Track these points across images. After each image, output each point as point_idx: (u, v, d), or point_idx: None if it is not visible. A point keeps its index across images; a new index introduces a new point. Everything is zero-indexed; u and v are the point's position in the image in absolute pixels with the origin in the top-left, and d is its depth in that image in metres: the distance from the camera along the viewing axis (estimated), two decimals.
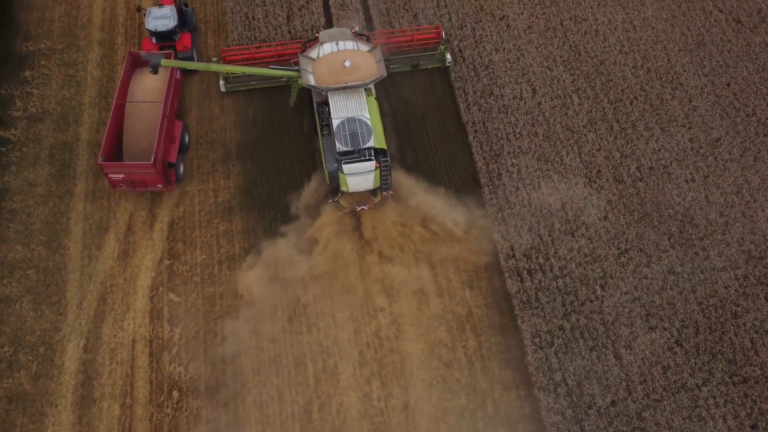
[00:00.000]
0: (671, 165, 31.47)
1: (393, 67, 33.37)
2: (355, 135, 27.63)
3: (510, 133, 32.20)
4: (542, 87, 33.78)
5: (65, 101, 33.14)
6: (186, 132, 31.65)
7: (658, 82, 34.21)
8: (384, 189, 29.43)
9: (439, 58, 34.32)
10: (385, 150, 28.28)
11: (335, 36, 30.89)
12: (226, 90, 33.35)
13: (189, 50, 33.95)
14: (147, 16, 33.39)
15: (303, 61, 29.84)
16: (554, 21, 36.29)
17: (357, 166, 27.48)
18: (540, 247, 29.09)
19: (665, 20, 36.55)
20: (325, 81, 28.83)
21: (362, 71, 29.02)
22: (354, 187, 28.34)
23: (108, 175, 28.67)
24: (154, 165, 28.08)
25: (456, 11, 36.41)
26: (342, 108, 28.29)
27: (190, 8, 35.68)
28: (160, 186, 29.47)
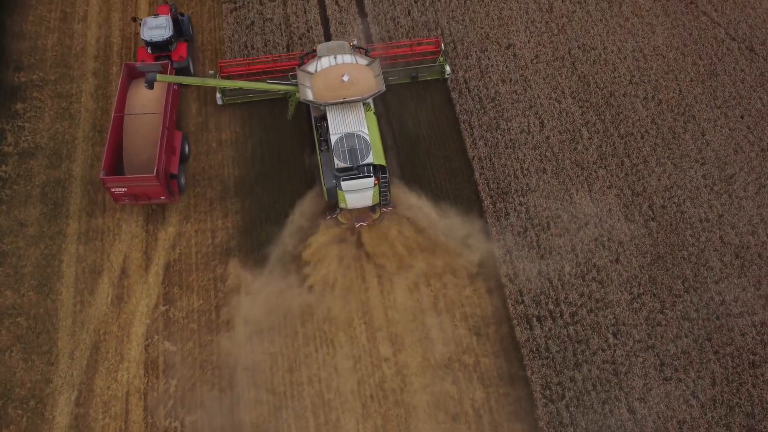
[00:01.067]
0: (684, 203, 30.43)
1: (392, 79, 32.82)
2: (353, 151, 27.08)
3: (518, 170, 31.16)
4: (550, 120, 32.74)
5: (58, 135, 32.08)
6: (186, 142, 31.28)
7: (669, 114, 33.18)
8: (383, 205, 28.74)
9: (438, 70, 33.71)
10: (384, 166, 27.66)
11: (333, 49, 30.33)
12: (223, 103, 32.76)
13: (185, 60, 33.20)
14: (142, 26, 32.67)
15: (301, 75, 29.27)
16: (562, 50, 35.25)
17: (356, 183, 26.96)
18: (549, 292, 28.04)
19: (676, 49, 35.52)
20: (322, 96, 28.27)
21: (360, 86, 28.48)
22: (353, 203, 27.73)
23: (110, 189, 28.11)
24: (156, 177, 27.55)
25: (461, 39, 35.36)
26: (340, 123, 27.71)
27: (186, 17, 34.90)
28: (163, 198, 28.96)
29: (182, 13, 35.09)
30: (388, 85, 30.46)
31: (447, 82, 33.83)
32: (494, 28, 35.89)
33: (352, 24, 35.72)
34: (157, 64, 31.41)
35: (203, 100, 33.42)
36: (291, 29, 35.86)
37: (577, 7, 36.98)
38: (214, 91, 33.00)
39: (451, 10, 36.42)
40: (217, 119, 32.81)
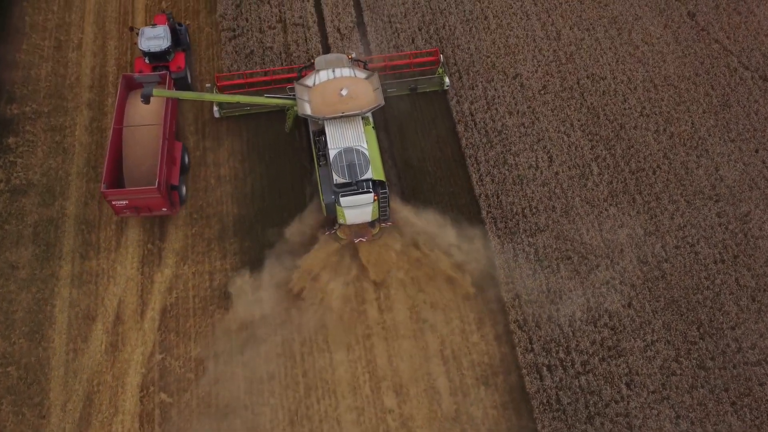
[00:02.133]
0: (698, 243, 29.44)
1: (390, 91, 32.42)
2: (352, 166, 26.60)
3: (526, 208, 30.16)
4: (559, 155, 31.75)
5: (51, 171, 31.08)
6: (185, 152, 31.03)
7: (682, 148, 32.18)
8: (382, 220, 28.13)
9: (437, 82, 33.26)
10: (383, 181, 27.20)
11: (332, 62, 29.84)
12: (220, 116, 32.40)
13: (183, 71, 32.61)
14: (140, 36, 32.08)
15: (299, 89, 28.82)
16: (570, 80, 34.25)
17: (355, 199, 26.44)
18: (560, 339, 27.04)
19: (688, 78, 34.52)
20: (321, 110, 27.75)
21: (359, 100, 28.01)
22: (352, 219, 27.19)
23: (111, 202, 27.79)
24: (158, 189, 27.25)
25: (467, 70, 34.36)
26: (339, 138, 27.28)
27: (184, 27, 34.33)
28: (164, 209, 28.62)
29: (180, 23, 34.55)
30: (388, 104, 30.32)
31: (446, 94, 33.45)
32: (500, 57, 34.88)
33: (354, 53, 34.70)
34: (156, 74, 31.11)
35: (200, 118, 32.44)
36: (291, 58, 34.87)
37: (585, 34, 35.99)
38: (211, 106, 32.49)
39: (456, 38, 35.43)
40: (216, 153, 31.79)
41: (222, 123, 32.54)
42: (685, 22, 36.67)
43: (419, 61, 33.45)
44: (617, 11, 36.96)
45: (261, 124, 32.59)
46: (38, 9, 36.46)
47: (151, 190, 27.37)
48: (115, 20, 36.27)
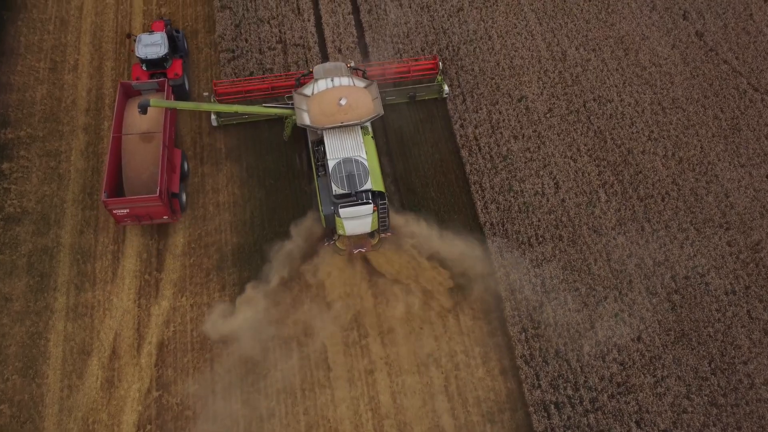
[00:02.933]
0: (709, 273, 28.74)
1: (389, 99, 32.26)
2: (351, 177, 26.24)
3: (532, 237, 29.45)
4: (566, 181, 31.04)
5: (46, 199, 30.35)
6: (185, 160, 30.84)
7: (691, 174, 31.48)
8: (382, 231, 27.74)
9: (436, 90, 33.00)
10: (382, 192, 26.85)
11: (330, 71, 29.54)
12: (218, 124, 32.14)
13: (180, 78, 32.23)
14: (137, 43, 31.74)
15: (297, 98, 28.53)
16: (577, 102, 33.55)
17: (354, 210, 26.09)
18: (568, 375, 26.33)
19: (696, 101, 33.83)
20: (319, 120, 27.45)
21: (358, 109, 27.68)
22: (351, 230, 26.84)
23: (112, 211, 27.57)
24: (160, 197, 27.01)
25: (471, 92, 33.65)
26: (338, 148, 26.94)
27: (182, 33, 34.13)
28: (165, 217, 28.48)
29: (178, 30, 34.25)
30: (388, 118, 30.49)
31: (446, 101, 33.25)
32: (505, 79, 34.18)
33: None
34: (154, 81, 30.73)
35: (198, 142, 31.77)
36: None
37: (591, 54, 35.30)
38: (209, 116, 32.33)
39: (460, 59, 34.72)
40: (215, 178, 31.08)
41: (221, 149, 31.83)
42: (692, 42, 36.00)
43: (418, 68, 33.05)
44: (624, 31, 36.28)
45: (261, 150, 31.88)
46: (34, 29, 35.73)
47: (153, 199, 27.13)
48: (111, 40, 35.54)
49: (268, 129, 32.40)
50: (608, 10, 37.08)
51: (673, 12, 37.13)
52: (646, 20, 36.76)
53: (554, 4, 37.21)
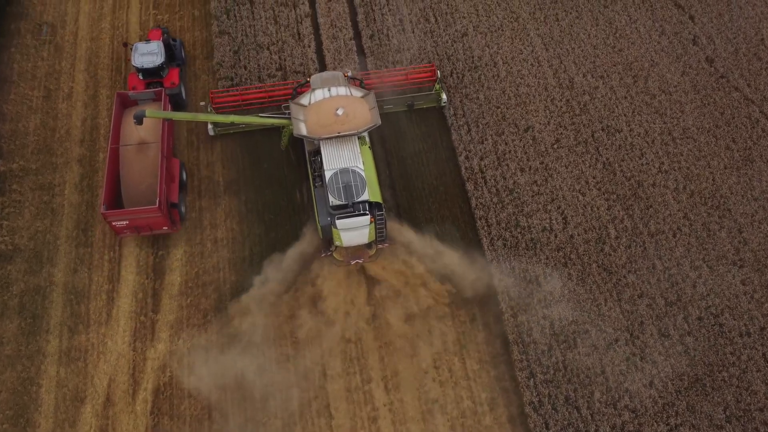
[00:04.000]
0: (723, 314, 27.84)
1: (387, 108, 32.13)
2: (348, 187, 26.22)
3: (540, 275, 28.54)
4: (574, 216, 30.14)
5: (38, 235, 29.45)
6: (183, 169, 30.67)
7: (703, 208, 30.58)
8: (379, 241, 27.52)
9: (434, 98, 32.80)
10: (380, 203, 26.78)
11: (327, 80, 29.50)
12: (215, 134, 31.88)
13: (177, 87, 31.98)
14: (133, 51, 31.56)
15: (294, 108, 28.43)
16: (585, 133, 32.65)
17: (351, 222, 25.99)
18: (578, 424, 25.42)
19: (708, 131, 32.94)
20: (316, 131, 27.36)
21: (355, 119, 27.61)
22: (348, 241, 26.67)
23: (111, 223, 27.41)
24: (159, 208, 26.89)
25: (475, 121, 32.75)
26: (335, 158, 26.90)
27: (179, 42, 33.71)
28: (165, 228, 28.40)
29: (174, 38, 33.72)
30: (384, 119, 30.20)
31: (443, 110, 32.94)
32: (511, 108, 33.28)
33: None
34: (151, 91, 30.54)
35: (197, 174, 30.87)
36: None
37: (599, 82, 34.40)
38: (206, 125, 32.06)
39: (464, 87, 33.83)
40: (212, 212, 30.18)
41: (219, 182, 30.94)
42: (703, 68, 35.11)
43: (416, 77, 32.67)
44: (632, 57, 35.39)
45: (261, 183, 30.99)
46: (27, 56, 34.84)
47: (152, 210, 26.95)
48: (107, 67, 34.63)
49: (269, 160, 31.52)
50: (616, 35, 36.20)
51: (682, 37, 36.25)
52: (655, 45, 35.87)
53: (560, 28, 36.33)
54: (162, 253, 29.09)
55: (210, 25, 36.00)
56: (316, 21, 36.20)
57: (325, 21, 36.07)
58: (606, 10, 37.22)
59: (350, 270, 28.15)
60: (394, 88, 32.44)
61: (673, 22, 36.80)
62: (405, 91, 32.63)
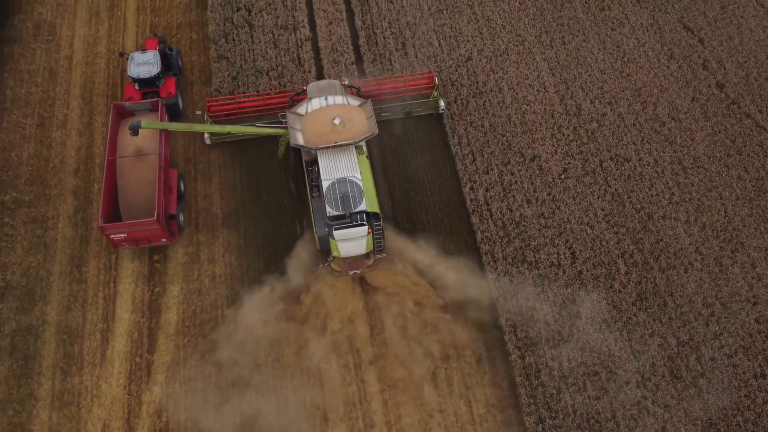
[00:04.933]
0: (736, 354, 26.98)
1: (385, 115, 31.95)
2: (345, 198, 26.12)
3: (548, 314, 27.68)
4: (583, 250, 29.28)
5: (31, 271, 28.59)
6: (181, 179, 30.31)
7: (715, 241, 29.72)
8: (377, 251, 27.37)
9: (432, 105, 32.54)
10: (377, 213, 26.57)
11: (324, 89, 29.39)
12: (212, 142, 31.63)
13: (174, 96, 31.70)
14: (129, 61, 31.27)
15: (291, 117, 28.22)
16: (593, 162, 31.78)
17: (348, 232, 25.85)
18: None
19: (719, 160, 32.08)
20: (313, 140, 27.26)
21: (353, 129, 27.50)
22: (345, 252, 26.55)
23: (109, 236, 27.18)
24: (158, 220, 26.67)
25: (480, 150, 31.89)
26: (332, 168, 26.78)
27: (175, 50, 33.33)
28: (164, 240, 28.12)
29: (171, 47, 33.34)
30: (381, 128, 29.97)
31: (442, 117, 32.71)
32: (517, 136, 32.43)
33: None
34: (147, 102, 30.33)
35: (194, 206, 30.01)
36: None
37: (607, 108, 33.54)
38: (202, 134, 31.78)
39: (469, 114, 32.99)
40: (210, 247, 29.32)
41: (218, 215, 30.08)
42: (713, 94, 34.26)
43: (414, 83, 32.45)
44: (641, 82, 34.53)
45: (260, 215, 30.16)
46: (20, 81, 34.01)
47: (151, 222, 26.67)
48: (103, 93, 33.79)
49: (268, 191, 30.68)
50: (624, 60, 35.35)
51: (692, 61, 35.39)
52: (664, 70, 35.02)
53: (567, 52, 35.49)
54: (158, 290, 28.24)
55: (208, 50, 35.18)
56: (316, 45, 35.38)
57: (325, 45, 35.24)
58: (614, 33, 36.38)
59: (351, 310, 27.31)
60: (393, 96, 32.22)
61: (683, 46, 35.95)
62: (403, 98, 32.39)
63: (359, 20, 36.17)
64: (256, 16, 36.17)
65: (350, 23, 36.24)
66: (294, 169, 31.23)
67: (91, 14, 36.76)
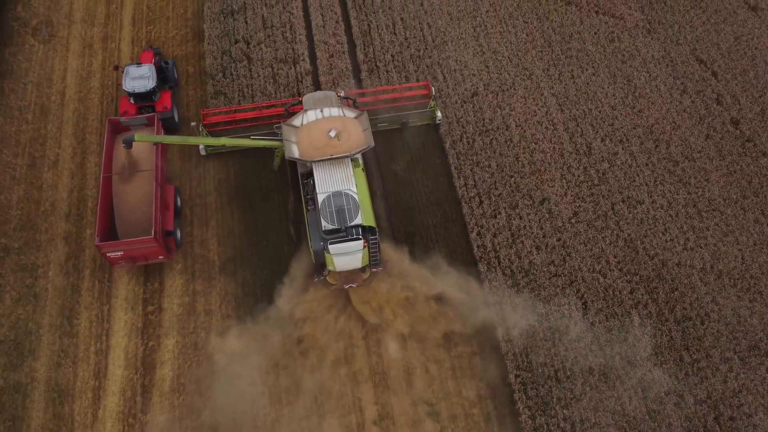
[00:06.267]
0: (756, 413, 25.82)
1: (381, 126, 31.61)
2: (341, 211, 25.80)
3: (559, 370, 26.53)
4: (595, 301, 28.11)
5: (20, 324, 27.45)
6: (177, 194, 29.91)
7: (732, 290, 28.57)
8: (373, 265, 26.99)
9: (429, 115, 32.26)
10: (373, 227, 26.16)
11: (320, 101, 29.21)
12: (207, 153, 31.42)
13: (169, 111, 31.36)
14: (124, 75, 30.94)
15: (286, 130, 28.06)
16: (604, 205, 30.62)
17: (344, 246, 25.49)
18: None
19: (735, 202, 30.93)
20: (308, 153, 27.03)
21: (348, 141, 27.30)
22: (341, 266, 26.16)
23: (106, 254, 26.77)
24: (155, 238, 26.24)
25: (487, 192, 30.74)
26: (327, 181, 26.54)
27: (171, 63, 32.77)
28: (161, 257, 27.79)
29: (167, 60, 32.74)
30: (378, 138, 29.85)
31: (438, 128, 32.45)
32: (525, 177, 31.28)
33: None
34: (143, 117, 30.00)
35: (190, 254, 28.84)
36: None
37: (618, 147, 32.40)
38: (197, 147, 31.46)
39: (475, 154, 31.85)
40: (207, 297, 28.16)
41: (215, 264, 28.94)
42: (728, 131, 33.11)
43: (411, 94, 32.40)
44: (653, 118, 33.39)
45: (259, 261, 29.01)
46: (11, 118, 32.87)
47: (148, 240, 26.30)
48: (96, 131, 32.65)
49: (267, 237, 29.56)
50: (635, 94, 34.21)
51: (705, 95, 34.25)
52: (677, 105, 33.87)
53: (576, 87, 34.35)
54: (152, 344, 27.11)
55: (205, 84, 34.03)
56: (317, 79, 34.27)
57: (326, 79, 34.12)
58: (624, 66, 35.23)
59: (352, 371, 26.21)
60: (389, 106, 31.99)
61: (696, 79, 34.81)
62: (399, 108, 32.08)
63: (361, 53, 35.06)
64: (254, 49, 35.04)
65: (352, 56, 35.13)
66: (294, 211, 30.09)
67: (84, 46, 35.65)
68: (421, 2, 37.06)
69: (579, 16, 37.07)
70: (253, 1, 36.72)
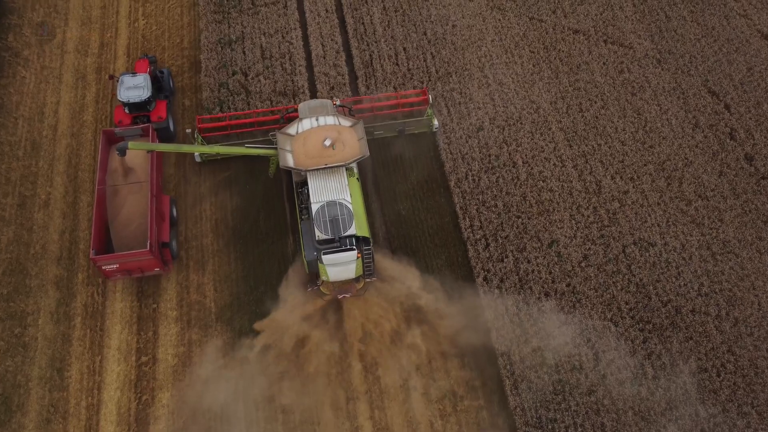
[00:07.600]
0: None
1: (378, 134, 31.38)
2: (335, 221, 25.73)
3: (570, 426, 25.44)
4: (606, 351, 27.05)
5: (8, 376, 26.40)
6: (173, 205, 29.74)
7: (749, 339, 27.51)
8: (367, 276, 26.93)
9: (426, 123, 31.91)
10: (367, 238, 26.13)
11: (315, 109, 29.01)
12: (202, 160, 31.07)
13: (164, 121, 31.02)
14: (119, 85, 30.55)
15: (281, 138, 27.87)
16: (615, 247, 29.55)
17: (338, 257, 25.48)
18: None
19: (750, 244, 29.86)
20: (303, 162, 26.87)
21: (344, 150, 27.12)
22: (334, 276, 26.16)
23: (101, 267, 26.50)
24: (151, 251, 26.05)
25: (494, 235, 29.66)
26: (321, 190, 26.43)
27: (167, 72, 32.42)
28: (157, 270, 27.52)
29: (162, 70, 32.25)
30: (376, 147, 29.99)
31: (435, 136, 32.14)
32: (533, 218, 30.20)
33: None
34: (137, 128, 29.52)
35: (185, 298, 27.78)
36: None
37: (629, 185, 31.32)
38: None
39: (480, 192, 30.77)
40: (203, 349, 27.10)
41: (211, 311, 27.89)
42: (742, 168, 32.04)
43: (408, 101, 32.12)
44: (664, 155, 32.32)
45: (256, 307, 27.95)
46: (1, 155, 31.78)
47: (144, 253, 26.09)
48: (88, 168, 31.57)
49: (265, 283, 28.48)
50: (646, 129, 33.13)
51: (718, 130, 33.17)
52: (689, 141, 32.80)
53: (585, 121, 33.27)
54: (146, 398, 26.06)
55: (201, 110, 32.94)
56: None
57: None
58: (634, 99, 34.16)
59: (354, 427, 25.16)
60: (386, 112, 31.94)
61: (708, 113, 33.73)
62: (396, 116, 31.91)
63: (363, 85, 33.99)
64: (253, 81, 33.97)
65: (353, 88, 34.06)
66: (293, 254, 29.05)
67: (77, 78, 34.55)
68: (425, 31, 35.97)
69: (587, 45, 35.99)
70: (252, 31, 35.64)
